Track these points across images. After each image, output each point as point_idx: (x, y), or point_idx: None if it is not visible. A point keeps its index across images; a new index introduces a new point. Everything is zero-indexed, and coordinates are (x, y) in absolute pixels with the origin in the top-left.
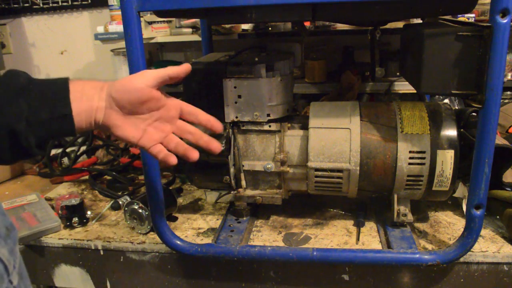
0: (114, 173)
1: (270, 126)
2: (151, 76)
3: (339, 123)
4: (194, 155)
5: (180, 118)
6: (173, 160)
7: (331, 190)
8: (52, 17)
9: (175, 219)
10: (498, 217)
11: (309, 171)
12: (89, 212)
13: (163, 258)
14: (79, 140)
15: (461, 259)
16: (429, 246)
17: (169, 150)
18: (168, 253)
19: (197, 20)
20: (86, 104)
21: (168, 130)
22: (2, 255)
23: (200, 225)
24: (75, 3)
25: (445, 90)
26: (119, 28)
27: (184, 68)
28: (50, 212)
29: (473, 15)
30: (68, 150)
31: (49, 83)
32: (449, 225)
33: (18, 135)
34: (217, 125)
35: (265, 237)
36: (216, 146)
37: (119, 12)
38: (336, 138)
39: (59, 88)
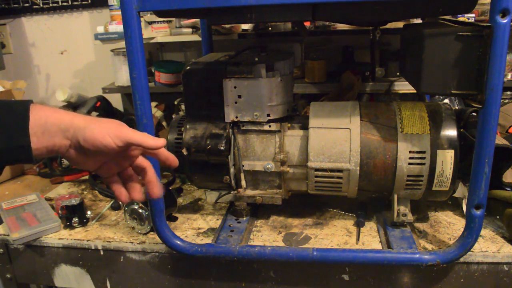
0: None
1: (270, 126)
2: (124, 138)
3: (339, 123)
4: (156, 192)
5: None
6: (125, 196)
7: (331, 190)
8: (52, 17)
9: (175, 219)
10: (498, 217)
11: (309, 171)
12: (89, 212)
13: (163, 258)
14: None
15: (461, 259)
16: (429, 246)
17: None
18: (168, 253)
19: (197, 20)
20: (47, 140)
21: (127, 165)
22: None
23: (200, 225)
24: (75, 3)
25: (445, 90)
26: (119, 28)
27: (158, 145)
28: (50, 212)
29: (473, 15)
30: None
31: (8, 108)
32: (449, 225)
33: None
34: (174, 161)
35: (265, 237)
36: (157, 192)
37: (119, 12)
38: (336, 138)
39: (18, 117)
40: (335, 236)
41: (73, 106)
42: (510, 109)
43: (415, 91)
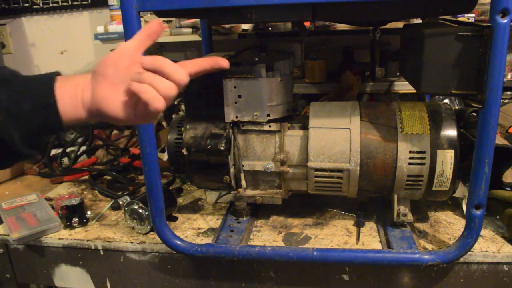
0: (114, 173)
1: (270, 126)
2: (130, 42)
3: (339, 123)
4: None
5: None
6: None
7: (331, 190)
8: (52, 17)
9: (175, 219)
10: (498, 217)
11: (309, 171)
12: (89, 212)
13: (163, 258)
14: (79, 140)
15: (461, 259)
16: (429, 246)
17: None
18: (168, 253)
19: (197, 20)
20: (71, 85)
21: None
22: None
23: (200, 225)
24: (75, 3)
25: (445, 90)
26: (119, 28)
27: (156, 23)
28: (50, 212)
29: (473, 15)
30: (68, 150)
31: (35, 76)
32: (449, 225)
33: None
34: (224, 62)
35: (265, 237)
36: (224, 61)
37: (119, 12)
38: (336, 138)
39: (44, 79)
40: (335, 236)
41: None
42: (510, 109)
43: (415, 91)
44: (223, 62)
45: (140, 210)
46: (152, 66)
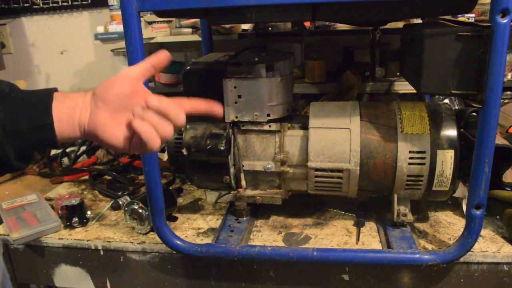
0: (114, 173)
1: (270, 126)
2: (134, 69)
3: (339, 123)
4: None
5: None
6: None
7: (331, 190)
8: (52, 17)
9: (175, 219)
10: (498, 217)
11: (309, 171)
12: (89, 212)
13: (163, 258)
14: (79, 140)
15: (461, 259)
16: (429, 246)
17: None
18: (168, 253)
19: (197, 20)
20: (69, 105)
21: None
22: None
23: (200, 225)
24: (75, 3)
25: (445, 90)
26: (119, 28)
27: (163, 55)
28: (50, 212)
29: (473, 15)
30: (68, 150)
31: (32, 93)
32: (449, 225)
33: None
34: (219, 109)
35: (265, 237)
36: (219, 109)
37: (119, 12)
38: (336, 138)
39: (41, 97)
40: (335, 236)
41: None
42: (510, 109)
43: (415, 91)
44: (217, 109)
45: (140, 210)
46: (157, 108)
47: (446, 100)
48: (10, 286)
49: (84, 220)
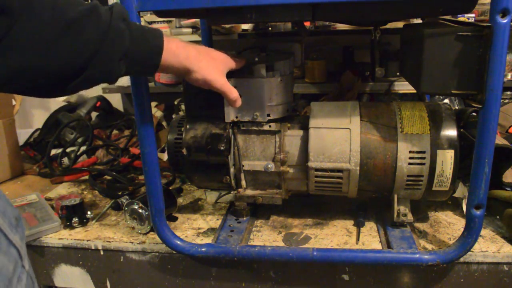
0: (114, 173)
1: (270, 126)
2: (225, 69)
3: (339, 123)
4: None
5: None
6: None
7: (331, 190)
8: None
9: (175, 219)
10: (498, 217)
11: (309, 171)
12: (89, 212)
13: (163, 258)
14: (79, 140)
15: (461, 259)
16: (429, 246)
17: None
18: (168, 253)
19: (197, 20)
20: (177, 45)
21: None
22: (15, 241)
23: (200, 225)
24: None
25: (445, 90)
26: None
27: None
28: (50, 212)
29: (473, 15)
30: (68, 150)
31: (148, 28)
32: (449, 225)
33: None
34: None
35: (265, 237)
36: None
37: None
38: (336, 138)
39: (156, 35)
40: (335, 236)
41: (73, 106)
42: (510, 109)
43: (415, 91)
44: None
45: (140, 210)
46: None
47: (446, 100)
48: None
49: (84, 220)
